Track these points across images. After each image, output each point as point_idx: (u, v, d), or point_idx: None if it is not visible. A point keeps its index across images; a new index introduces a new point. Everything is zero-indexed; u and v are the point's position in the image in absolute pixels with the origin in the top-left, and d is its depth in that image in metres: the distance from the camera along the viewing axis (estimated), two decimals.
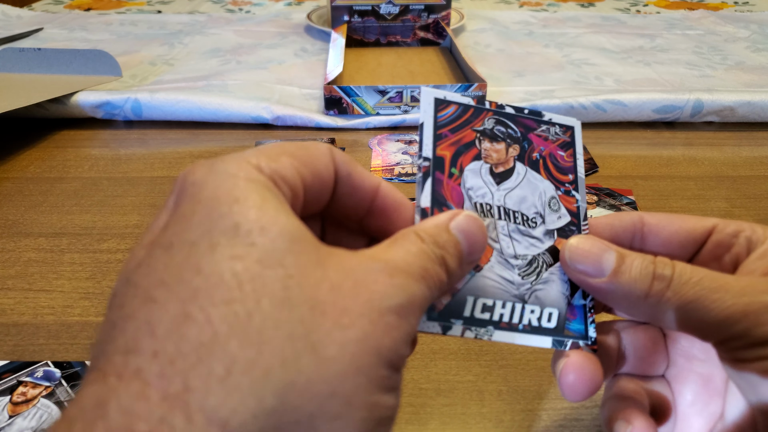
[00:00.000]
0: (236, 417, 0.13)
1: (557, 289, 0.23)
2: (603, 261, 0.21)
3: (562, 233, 0.24)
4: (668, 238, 0.24)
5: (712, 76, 0.74)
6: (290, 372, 0.14)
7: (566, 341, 0.22)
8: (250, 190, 0.16)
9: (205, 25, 0.95)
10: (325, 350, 0.15)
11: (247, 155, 0.17)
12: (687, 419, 0.24)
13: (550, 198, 0.24)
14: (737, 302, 0.19)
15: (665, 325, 0.22)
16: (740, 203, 0.51)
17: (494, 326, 0.22)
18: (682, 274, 0.20)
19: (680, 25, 0.96)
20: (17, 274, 0.41)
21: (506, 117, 0.25)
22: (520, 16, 1.02)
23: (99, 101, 0.62)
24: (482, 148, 0.24)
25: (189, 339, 0.14)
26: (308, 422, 0.14)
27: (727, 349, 0.20)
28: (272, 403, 0.13)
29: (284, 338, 0.14)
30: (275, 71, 0.75)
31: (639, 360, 0.25)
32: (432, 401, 0.32)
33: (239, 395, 0.13)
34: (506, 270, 0.22)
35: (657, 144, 0.61)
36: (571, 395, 0.22)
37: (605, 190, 0.51)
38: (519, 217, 0.23)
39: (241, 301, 0.14)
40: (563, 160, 0.25)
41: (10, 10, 1.01)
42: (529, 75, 0.75)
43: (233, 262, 0.15)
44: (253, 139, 0.61)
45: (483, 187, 0.23)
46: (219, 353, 0.14)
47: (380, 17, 0.86)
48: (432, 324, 0.21)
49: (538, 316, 0.22)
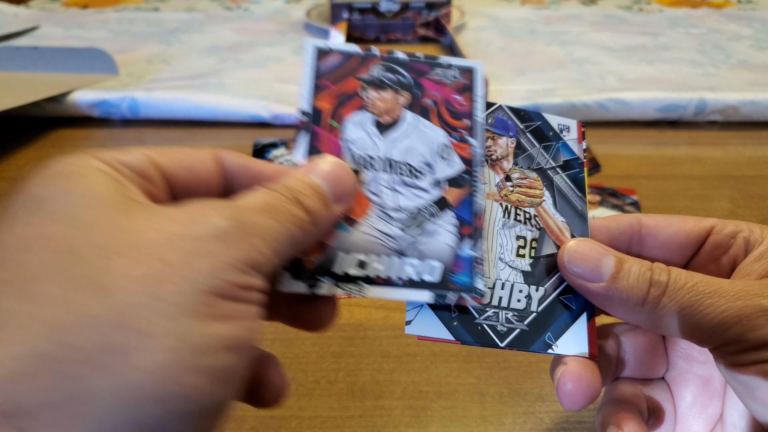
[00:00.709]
0: (4, 367, 0.13)
1: (443, 240, 0.22)
2: (602, 265, 0.21)
3: (453, 183, 0.23)
4: (666, 240, 0.23)
5: (716, 74, 0.73)
6: (72, 314, 0.14)
7: (448, 295, 0.21)
8: (69, 171, 0.17)
9: (202, 23, 0.94)
10: (114, 285, 0.14)
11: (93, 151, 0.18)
12: (686, 421, 0.24)
13: (440, 146, 0.23)
14: (731, 306, 0.19)
15: (664, 332, 0.22)
16: (744, 203, 0.50)
17: (368, 282, 0.21)
18: (677, 280, 0.20)
19: (683, 23, 0.96)
20: None
21: (397, 63, 0.24)
22: (521, 14, 1.01)
23: (96, 100, 0.62)
24: (367, 97, 0.23)
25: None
26: (91, 358, 0.14)
27: (723, 353, 0.20)
28: (44, 347, 0.13)
29: (64, 284, 0.14)
30: (273, 69, 0.75)
31: (639, 363, 0.25)
32: (433, 404, 0.32)
33: (7, 346, 0.13)
34: (385, 224, 0.22)
35: (660, 143, 0.61)
36: (569, 404, 0.21)
37: (608, 189, 0.51)
38: (404, 168, 0.22)
39: (22, 261, 0.15)
40: (459, 105, 0.24)
41: (6, 8, 1.00)
42: (531, 73, 0.74)
43: (22, 227, 0.15)
44: (251, 137, 0.60)
45: (366, 139, 0.22)
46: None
47: (380, 15, 0.85)
48: (297, 283, 0.20)
49: (418, 270, 0.21)
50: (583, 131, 0.26)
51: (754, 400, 0.20)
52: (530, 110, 0.25)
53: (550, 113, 0.25)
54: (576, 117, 0.62)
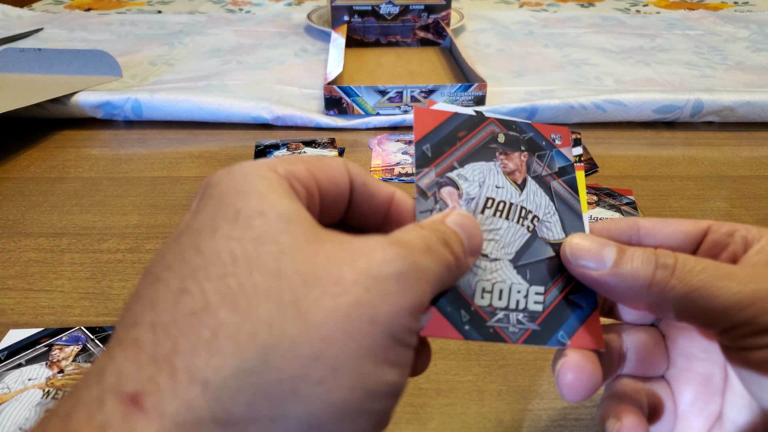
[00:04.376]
0: (217, 375, 0.14)
1: None
2: (604, 253, 0.22)
3: None
4: (664, 240, 0.24)
5: (712, 76, 0.74)
6: (274, 335, 0.14)
7: None
8: (257, 183, 0.17)
9: (205, 25, 0.95)
10: (313, 315, 0.15)
11: (265, 160, 0.18)
12: (687, 419, 0.24)
13: None
14: (743, 289, 0.19)
15: (667, 316, 0.22)
16: (740, 203, 0.50)
17: None
18: (686, 263, 0.20)
19: (680, 25, 0.96)
20: (17, 274, 0.42)
21: None
22: (520, 16, 1.02)
23: (99, 101, 0.62)
24: None
25: (183, 309, 0.15)
26: (290, 383, 0.14)
27: (732, 337, 0.20)
28: (254, 364, 0.14)
29: (272, 305, 0.15)
30: (275, 71, 0.75)
31: (640, 361, 0.25)
32: (432, 401, 0.32)
33: (222, 356, 0.14)
34: None
35: (657, 144, 0.61)
36: (569, 395, 0.21)
37: (605, 190, 0.51)
38: None
39: (234, 275, 0.15)
40: None
41: (11, 10, 1.01)
42: (529, 75, 0.75)
43: (230, 242, 0.16)
44: (253, 139, 0.61)
45: None
46: (208, 320, 0.15)
47: (380, 17, 0.86)
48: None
49: None
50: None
51: (761, 386, 0.20)
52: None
53: (548, 114, 0.26)
54: (573, 118, 0.63)
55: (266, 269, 0.15)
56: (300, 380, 0.14)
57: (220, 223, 0.16)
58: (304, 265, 0.16)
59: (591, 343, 0.23)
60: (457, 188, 0.23)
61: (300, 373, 0.14)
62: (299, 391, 0.14)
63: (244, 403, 0.14)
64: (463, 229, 0.20)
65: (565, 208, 0.25)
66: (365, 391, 0.15)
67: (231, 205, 0.17)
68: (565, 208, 0.25)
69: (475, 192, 0.24)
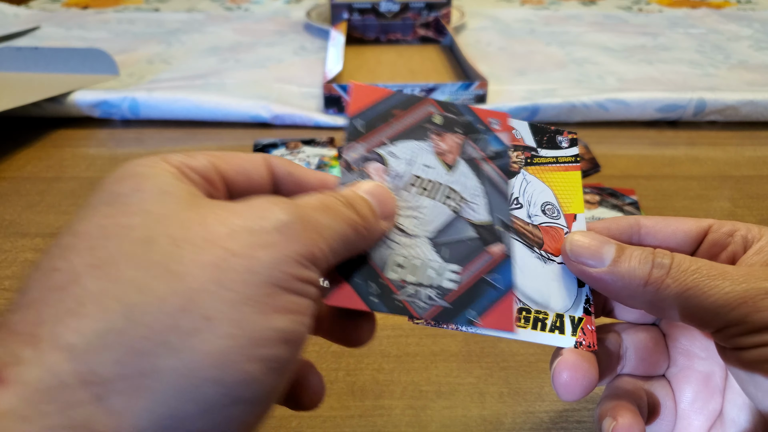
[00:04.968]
0: (82, 339, 0.14)
1: None
2: (603, 251, 0.22)
3: None
4: (665, 239, 0.24)
5: (715, 75, 0.73)
6: (141, 294, 0.15)
7: None
8: (141, 169, 0.18)
9: (203, 24, 0.94)
10: (183, 272, 0.15)
11: (162, 154, 0.19)
12: (687, 418, 0.25)
13: None
14: (735, 288, 0.20)
15: (664, 315, 0.22)
16: (743, 203, 0.50)
17: None
18: (681, 263, 0.21)
19: (683, 23, 0.96)
20: (14, 274, 0.41)
21: None
22: (521, 14, 1.01)
23: (96, 100, 0.62)
24: None
25: (51, 286, 0.15)
26: (159, 337, 0.14)
27: (726, 336, 0.20)
28: (121, 324, 0.14)
29: (141, 269, 0.15)
30: (274, 70, 0.75)
31: (640, 360, 0.25)
32: (433, 403, 0.32)
33: (87, 320, 0.14)
34: None
35: (660, 143, 0.61)
36: (565, 394, 0.22)
37: (608, 189, 0.51)
38: None
39: (104, 247, 0.16)
40: None
41: (7, 9, 1.00)
42: (530, 73, 0.74)
43: (103, 219, 0.17)
44: (252, 138, 0.60)
45: None
46: (74, 290, 0.15)
47: (380, 15, 0.85)
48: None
49: None
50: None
51: (756, 385, 0.20)
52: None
53: (550, 113, 0.26)
54: (575, 117, 0.63)
55: (136, 237, 0.16)
56: (170, 333, 0.15)
57: (98, 206, 0.17)
58: (178, 229, 0.16)
59: (502, 324, 0.22)
60: (384, 164, 0.24)
61: (170, 327, 0.15)
62: (171, 344, 0.14)
63: (111, 362, 0.14)
64: (372, 195, 0.21)
65: (494, 191, 0.25)
66: (249, 338, 0.15)
67: (109, 190, 0.17)
68: (494, 191, 0.25)
69: (403, 169, 0.24)
